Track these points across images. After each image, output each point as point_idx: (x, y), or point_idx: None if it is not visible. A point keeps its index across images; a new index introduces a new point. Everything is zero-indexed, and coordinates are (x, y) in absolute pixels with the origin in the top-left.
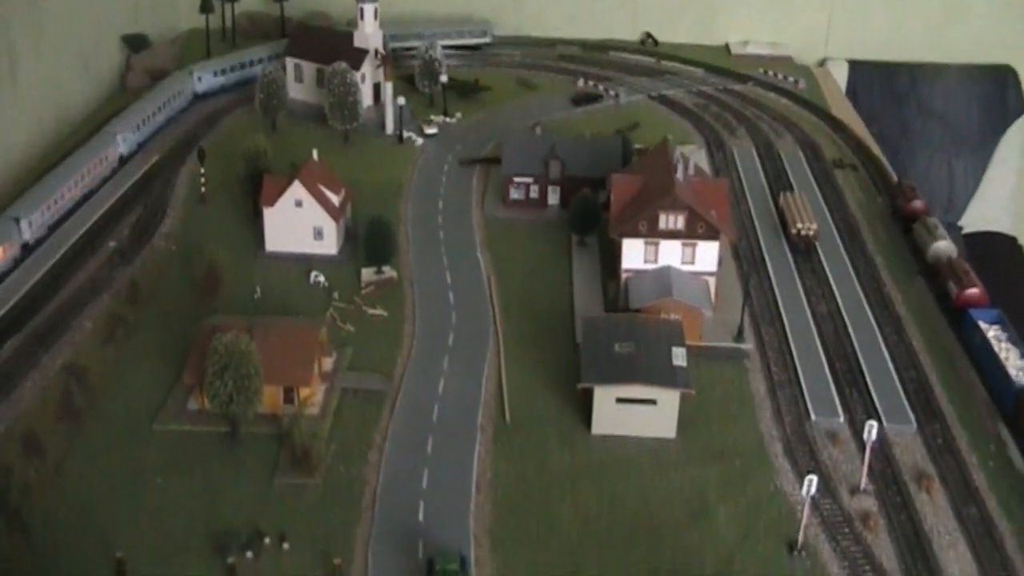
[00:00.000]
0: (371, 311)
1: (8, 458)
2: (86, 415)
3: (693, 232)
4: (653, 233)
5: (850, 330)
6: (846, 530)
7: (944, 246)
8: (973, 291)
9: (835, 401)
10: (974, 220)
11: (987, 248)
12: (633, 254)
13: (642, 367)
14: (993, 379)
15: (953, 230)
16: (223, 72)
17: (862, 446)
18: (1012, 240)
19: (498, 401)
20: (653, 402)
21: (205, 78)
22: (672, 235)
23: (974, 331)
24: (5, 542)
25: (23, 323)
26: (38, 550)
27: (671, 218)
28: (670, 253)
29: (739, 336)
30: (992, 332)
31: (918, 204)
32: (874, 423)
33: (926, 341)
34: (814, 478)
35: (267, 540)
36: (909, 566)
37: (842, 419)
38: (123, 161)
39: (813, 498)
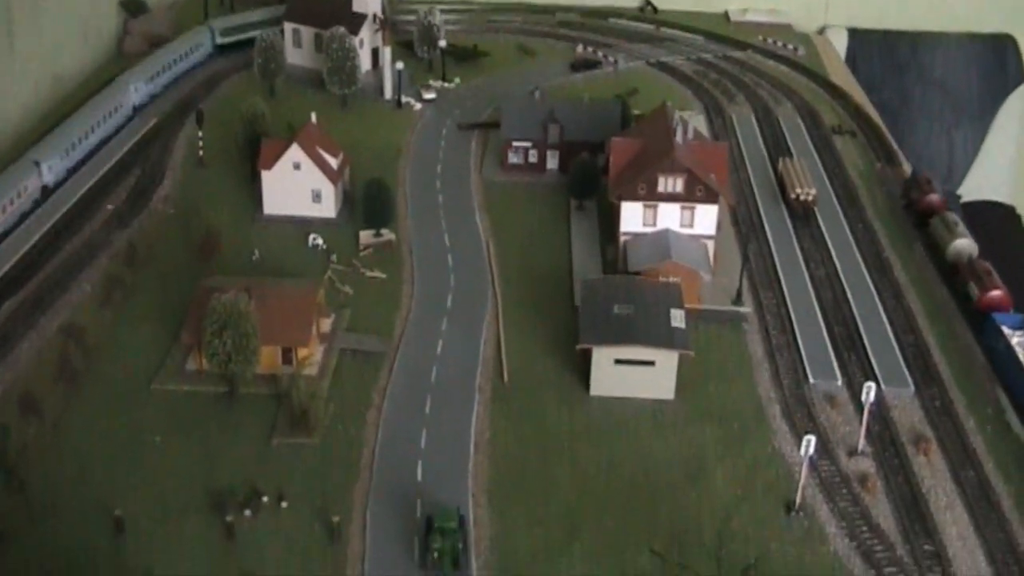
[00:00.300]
0: (369, 273)
1: (5, 418)
2: (84, 376)
3: (692, 195)
4: (652, 196)
5: (848, 294)
6: (844, 491)
7: (964, 244)
8: (996, 293)
9: (833, 364)
10: (973, 189)
11: (985, 217)
12: (632, 217)
13: (640, 328)
14: (1018, 388)
15: (952, 199)
16: (242, 29)
17: (860, 409)
18: (1011, 209)
19: (496, 362)
20: (651, 363)
21: (224, 32)
22: (671, 198)
23: (997, 337)
24: (3, 500)
25: (21, 285)
26: (36, 509)
27: (670, 180)
28: (669, 216)
29: (738, 299)
30: (1017, 338)
31: (935, 198)
32: (872, 385)
33: (924, 306)
34: (812, 438)
35: (265, 499)
36: (906, 527)
37: (840, 382)
38: (136, 111)
39: (811, 459)
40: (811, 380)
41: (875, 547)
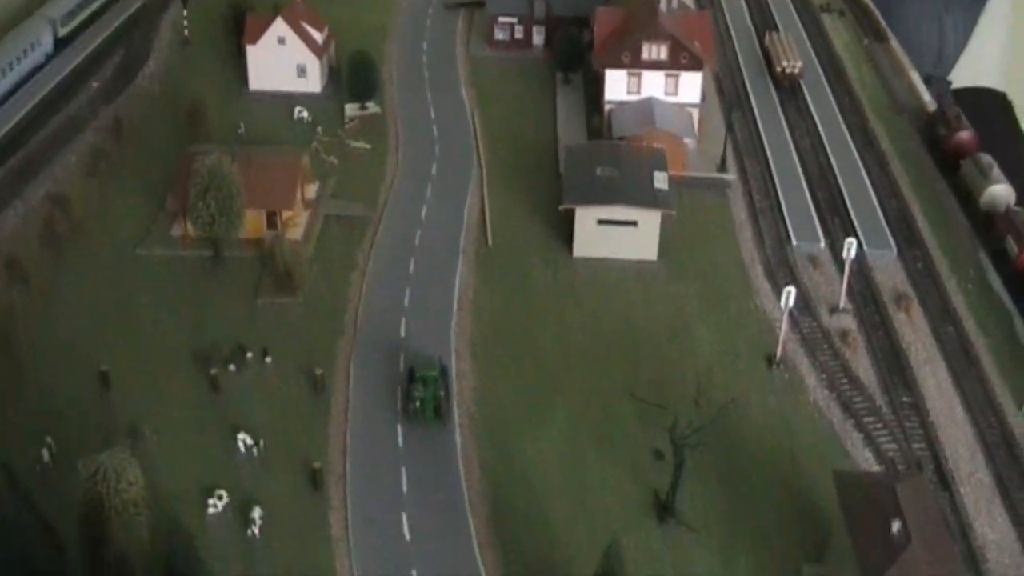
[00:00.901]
0: (355, 144)
1: None
2: (70, 243)
3: (676, 62)
4: (636, 64)
5: (833, 163)
6: (825, 346)
7: (1001, 192)
8: None
9: (816, 227)
10: (964, 75)
11: (976, 104)
12: (616, 85)
13: (623, 189)
14: None
15: (943, 85)
16: None
17: (842, 268)
18: (1002, 96)
19: (481, 227)
20: (634, 224)
21: None
22: (655, 65)
23: None
24: None
25: (7, 156)
26: (24, 366)
27: (654, 48)
28: (653, 84)
29: (722, 166)
30: None
31: (965, 136)
32: (853, 241)
33: (909, 175)
34: (792, 290)
35: (250, 355)
36: (886, 379)
37: (823, 244)
38: None
39: (792, 314)
40: (794, 242)
41: (854, 398)
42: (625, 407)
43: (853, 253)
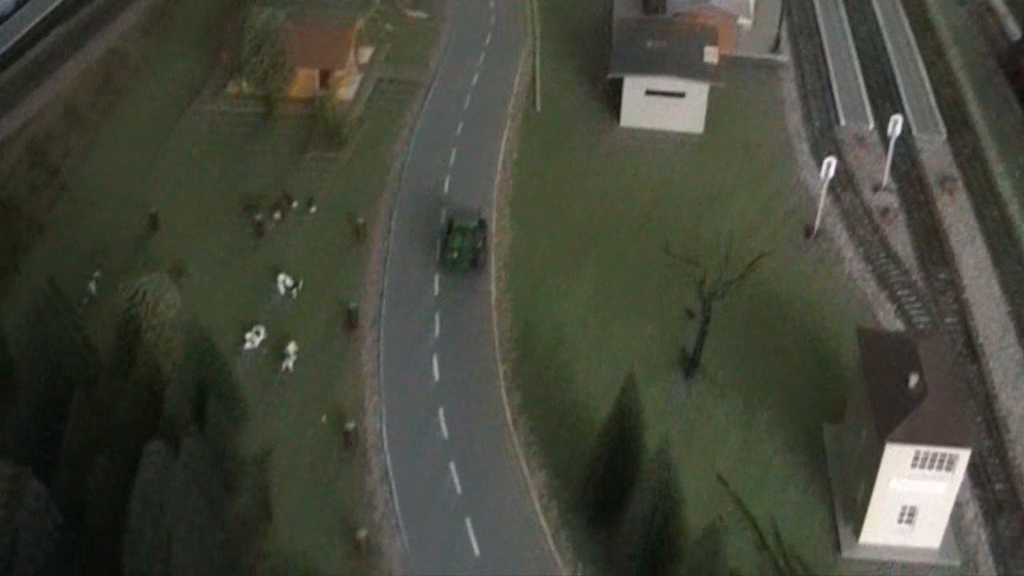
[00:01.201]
0: (411, 13)
1: (50, 125)
2: (127, 94)
3: None
4: None
5: (888, 48)
6: (865, 221)
7: None
8: None
9: (866, 109)
10: None
11: None
12: None
13: (672, 60)
14: None
15: None
16: None
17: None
18: None
19: (530, 95)
20: (682, 95)
21: None
22: None
23: None
24: (46, 197)
25: (72, 13)
26: (77, 204)
27: None
28: None
29: (776, 48)
30: None
31: None
32: (899, 118)
33: (966, 63)
34: (833, 160)
35: (295, 204)
36: (924, 256)
37: (871, 126)
38: None
39: (833, 188)
40: (843, 122)
41: (890, 271)
42: (658, 267)
43: (899, 130)
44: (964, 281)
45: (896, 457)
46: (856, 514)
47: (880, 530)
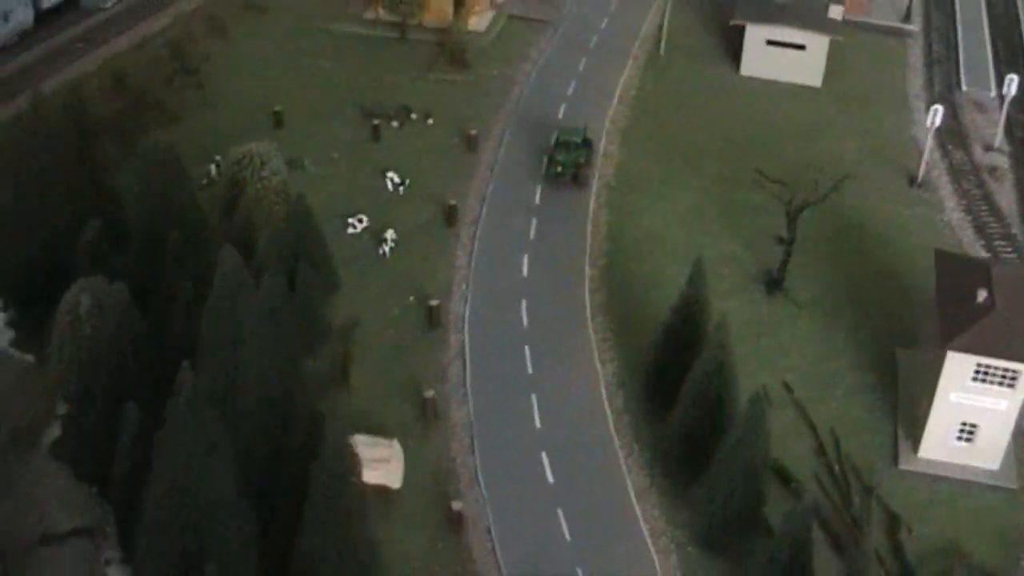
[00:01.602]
0: None
1: (193, 31)
2: (269, 12)
3: None
4: None
5: (1021, 18)
6: (971, 177)
7: None
8: None
9: (990, 77)
10: None
11: None
12: None
13: (796, 12)
14: None
15: None
16: None
17: (1007, 118)
18: None
19: (656, 39)
20: (802, 47)
21: None
22: None
23: None
24: (183, 92)
25: None
26: (208, 103)
27: None
28: None
29: (907, 17)
30: None
31: None
32: (1015, 77)
33: None
34: (939, 108)
35: (413, 116)
36: None
37: (992, 94)
38: None
39: (944, 147)
40: (964, 88)
41: (990, 223)
42: (753, 195)
43: (1014, 89)
44: None
45: (957, 367)
46: (917, 431)
47: (939, 446)
